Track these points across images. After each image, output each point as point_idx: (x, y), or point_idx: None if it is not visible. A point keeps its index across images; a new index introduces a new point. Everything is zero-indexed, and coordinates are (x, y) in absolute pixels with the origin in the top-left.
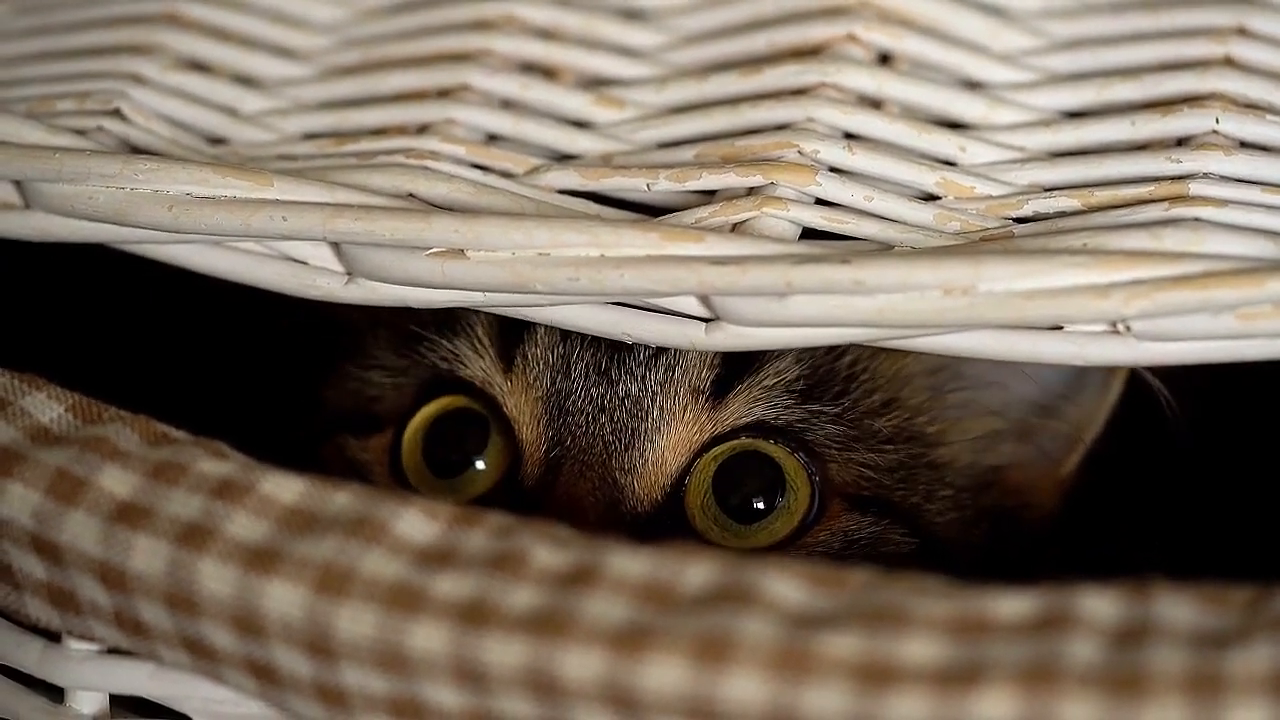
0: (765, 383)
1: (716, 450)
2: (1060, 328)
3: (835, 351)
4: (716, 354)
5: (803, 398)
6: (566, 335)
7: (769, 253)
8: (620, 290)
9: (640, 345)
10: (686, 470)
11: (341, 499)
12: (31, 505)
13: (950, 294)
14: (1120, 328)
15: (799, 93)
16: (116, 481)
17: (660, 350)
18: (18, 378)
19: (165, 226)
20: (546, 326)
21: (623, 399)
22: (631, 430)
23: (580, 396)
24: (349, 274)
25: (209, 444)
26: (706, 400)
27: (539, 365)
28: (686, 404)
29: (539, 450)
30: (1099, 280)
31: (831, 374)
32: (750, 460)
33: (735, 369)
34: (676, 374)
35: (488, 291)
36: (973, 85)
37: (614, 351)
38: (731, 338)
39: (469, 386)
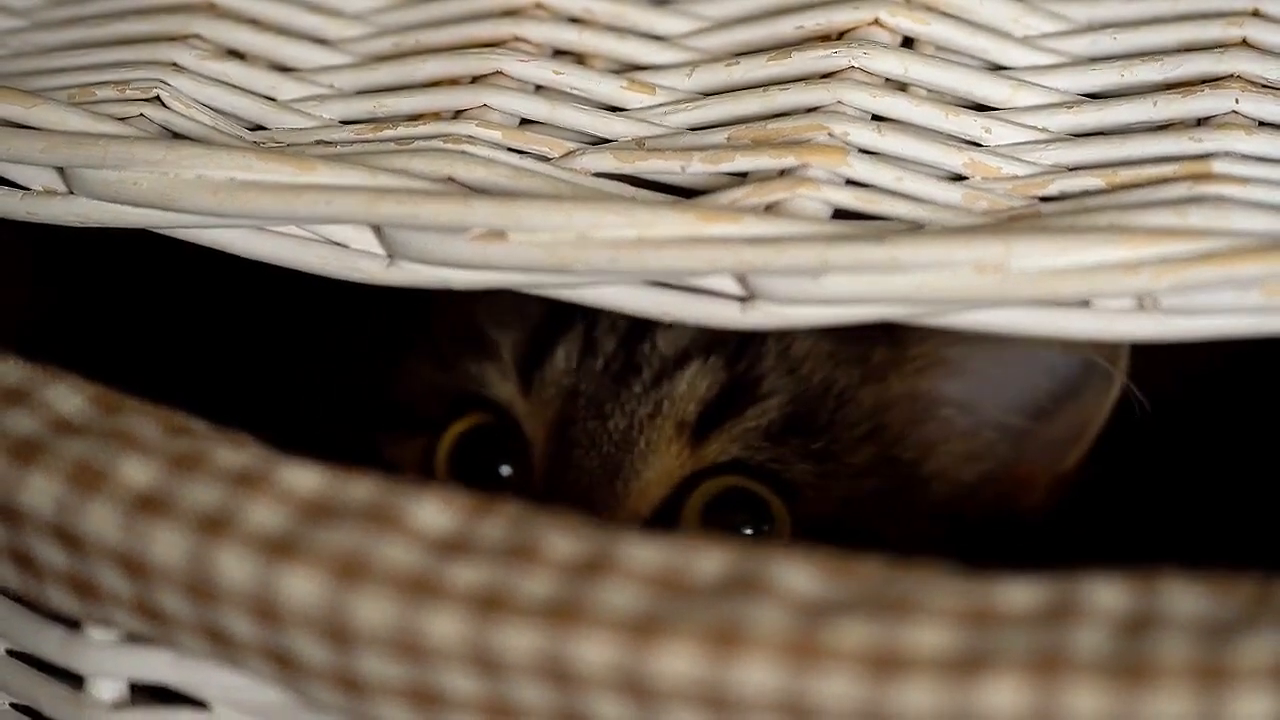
0: (746, 424)
1: (706, 486)
2: (1088, 304)
3: (822, 386)
4: (702, 393)
5: (780, 439)
6: (580, 362)
7: (805, 232)
8: (659, 270)
9: (636, 379)
10: (668, 502)
11: (359, 489)
12: (53, 495)
13: (983, 271)
14: (1148, 303)
15: (827, 76)
16: (137, 471)
17: (652, 386)
18: (38, 369)
19: (209, 211)
20: (565, 350)
21: (613, 432)
22: (618, 462)
23: (580, 426)
24: (390, 257)
25: (228, 434)
26: (689, 438)
27: (551, 391)
28: (670, 440)
29: (545, 470)
30: (1129, 257)
31: (815, 411)
32: (737, 492)
33: (719, 409)
34: (664, 409)
35: (528, 272)
36: (996, 68)
37: (612, 384)
38: (767, 316)
39: (495, 406)
